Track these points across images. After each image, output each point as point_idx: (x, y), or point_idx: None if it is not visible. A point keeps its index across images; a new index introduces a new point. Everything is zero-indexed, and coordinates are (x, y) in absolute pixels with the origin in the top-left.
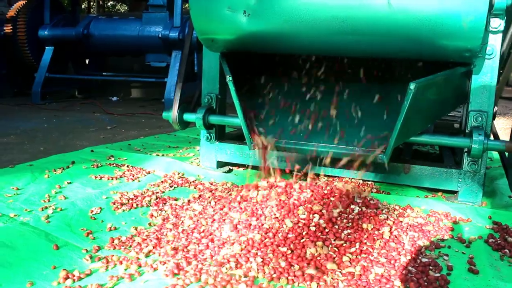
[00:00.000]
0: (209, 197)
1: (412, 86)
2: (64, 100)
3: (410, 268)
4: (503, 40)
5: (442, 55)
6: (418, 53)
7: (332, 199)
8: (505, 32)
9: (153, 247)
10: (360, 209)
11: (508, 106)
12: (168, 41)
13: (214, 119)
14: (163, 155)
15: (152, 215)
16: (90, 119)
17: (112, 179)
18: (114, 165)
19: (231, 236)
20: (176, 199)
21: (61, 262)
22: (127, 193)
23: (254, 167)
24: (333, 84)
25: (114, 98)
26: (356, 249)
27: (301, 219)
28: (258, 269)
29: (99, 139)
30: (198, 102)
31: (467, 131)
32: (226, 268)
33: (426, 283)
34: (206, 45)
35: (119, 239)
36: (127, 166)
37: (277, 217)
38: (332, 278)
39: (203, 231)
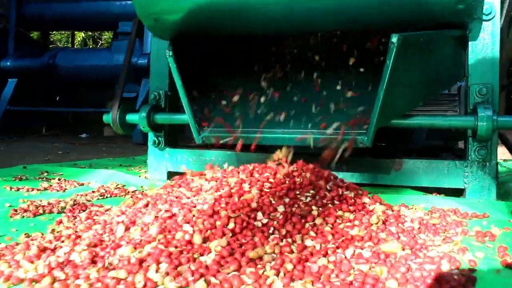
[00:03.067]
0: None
1: (394, 38)
2: (29, 137)
3: (410, 263)
4: None
5: (429, 13)
6: (399, 14)
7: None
8: None
9: (36, 257)
10: (330, 193)
11: None
12: (136, 69)
13: (160, 117)
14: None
15: (60, 222)
16: (44, 146)
17: (32, 190)
18: (44, 179)
19: (138, 239)
20: (101, 206)
21: None
22: (41, 201)
23: None
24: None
25: (84, 135)
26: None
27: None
28: (166, 273)
29: (43, 161)
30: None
31: (469, 110)
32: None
33: (438, 284)
34: (149, 26)
35: None
36: (59, 179)
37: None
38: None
39: (108, 237)
